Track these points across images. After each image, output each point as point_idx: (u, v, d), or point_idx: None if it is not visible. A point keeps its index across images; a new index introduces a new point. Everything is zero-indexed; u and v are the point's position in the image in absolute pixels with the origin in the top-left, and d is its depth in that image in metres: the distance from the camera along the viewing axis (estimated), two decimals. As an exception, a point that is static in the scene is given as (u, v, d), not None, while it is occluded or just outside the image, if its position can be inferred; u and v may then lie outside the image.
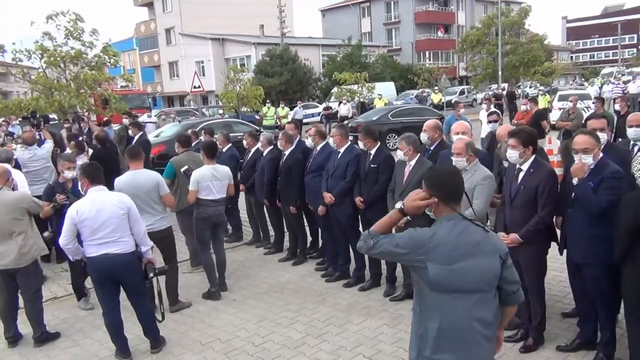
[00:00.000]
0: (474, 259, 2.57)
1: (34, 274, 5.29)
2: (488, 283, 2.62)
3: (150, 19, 53.50)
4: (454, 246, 2.56)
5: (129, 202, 4.78)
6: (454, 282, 2.55)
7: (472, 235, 2.62)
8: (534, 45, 35.71)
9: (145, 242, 4.87)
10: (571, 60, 79.25)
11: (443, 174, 2.78)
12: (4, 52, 17.69)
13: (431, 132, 5.91)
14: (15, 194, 5.27)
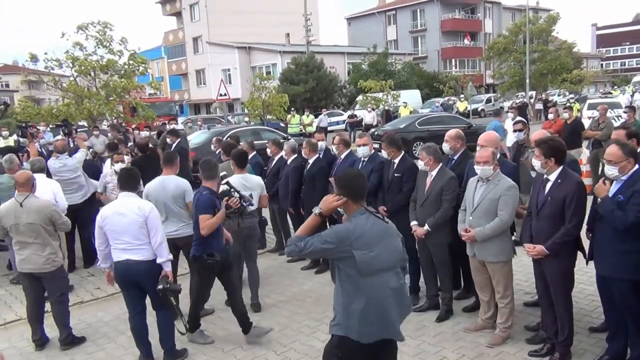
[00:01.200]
0: (385, 242, 3.21)
1: (59, 278, 5.40)
2: (399, 259, 3.32)
3: (178, 28, 54.33)
4: (370, 234, 3.15)
5: (148, 211, 4.71)
6: (376, 264, 3.14)
7: (379, 224, 3.24)
8: (562, 52, 35.17)
9: (161, 253, 4.75)
10: (601, 68, 77.79)
11: (350, 177, 3.36)
12: (36, 62, 18.15)
13: (453, 142, 5.83)
14: (40, 202, 5.39)
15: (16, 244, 5.28)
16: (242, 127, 18.40)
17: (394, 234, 3.32)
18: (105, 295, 6.88)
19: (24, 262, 5.26)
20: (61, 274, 5.46)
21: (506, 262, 4.82)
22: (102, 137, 13.66)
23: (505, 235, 4.79)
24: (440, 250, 5.43)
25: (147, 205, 4.80)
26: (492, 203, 4.66)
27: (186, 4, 51.48)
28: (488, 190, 4.70)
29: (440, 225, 5.29)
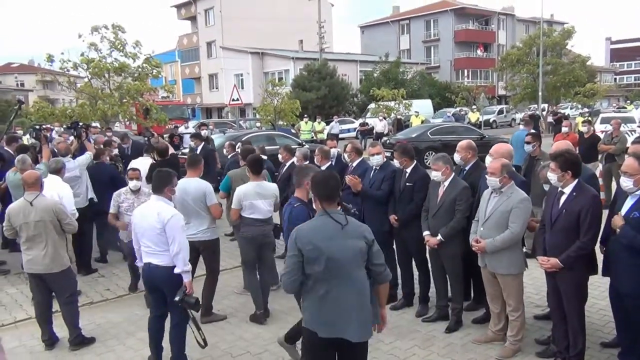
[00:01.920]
0: (336, 242, 3.29)
1: (66, 279, 5.42)
2: (353, 259, 3.32)
3: (192, 32, 54.72)
4: (315, 232, 3.32)
5: (167, 219, 4.57)
6: (323, 261, 3.25)
7: (331, 224, 3.33)
8: (575, 65, 35.01)
9: (178, 263, 4.61)
10: (614, 82, 77.36)
11: (322, 177, 3.56)
12: (52, 62, 18.34)
13: (464, 153, 5.81)
14: (48, 200, 5.45)
15: (24, 244, 5.32)
16: (257, 132, 18.44)
17: (352, 235, 3.35)
18: (114, 297, 6.91)
19: (30, 263, 5.29)
20: (68, 275, 5.46)
21: (517, 275, 4.79)
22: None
23: (517, 248, 4.76)
24: (453, 260, 5.41)
25: (167, 213, 4.63)
26: (504, 215, 4.64)
27: (201, 8, 51.85)
28: (500, 202, 4.68)
29: (453, 235, 5.28)
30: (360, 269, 3.38)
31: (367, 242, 3.37)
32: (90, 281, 7.51)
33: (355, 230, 3.38)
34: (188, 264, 4.68)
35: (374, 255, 3.40)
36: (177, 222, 4.62)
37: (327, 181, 3.46)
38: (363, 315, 3.39)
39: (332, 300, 3.32)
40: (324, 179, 3.50)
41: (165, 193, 4.82)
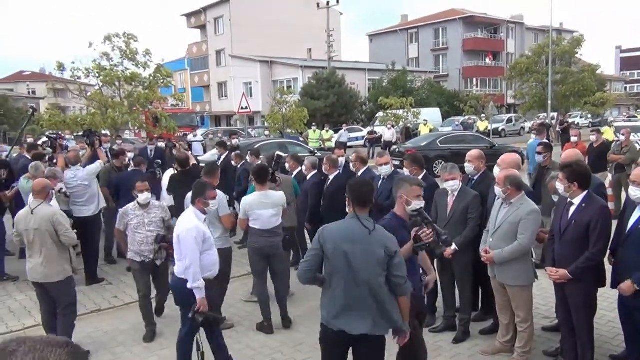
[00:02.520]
0: (357, 246, 3.46)
1: (65, 290, 5.39)
2: (372, 266, 3.45)
3: (202, 41, 55.09)
4: (339, 232, 3.55)
5: (182, 231, 4.60)
6: (342, 259, 3.45)
7: (356, 227, 3.51)
8: (585, 74, 34.86)
9: (188, 277, 4.52)
10: (625, 91, 76.90)
11: (357, 182, 3.87)
12: (63, 71, 18.51)
13: (477, 162, 5.80)
14: (48, 209, 5.41)
15: (27, 251, 5.38)
16: (268, 140, 18.45)
17: (374, 243, 3.47)
18: (122, 304, 6.94)
19: (32, 272, 5.32)
20: (67, 285, 5.40)
21: (526, 286, 4.76)
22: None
23: (526, 259, 4.74)
24: (465, 270, 5.40)
25: (184, 225, 4.63)
26: (512, 227, 4.62)
27: (211, 17, 52.25)
28: (510, 214, 4.67)
29: (467, 244, 5.27)
30: (377, 275, 3.47)
31: (387, 252, 3.45)
32: (98, 288, 7.54)
33: (379, 239, 3.49)
34: (200, 280, 4.55)
35: (394, 267, 3.48)
36: (189, 236, 4.54)
37: (361, 187, 3.68)
38: (367, 311, 3.49)
39: (341, 296, 3.50)
40: (358, 184, 3.74)
41: (197, 204, 4.78)
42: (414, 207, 3.90)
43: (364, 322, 3.49)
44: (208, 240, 4.73)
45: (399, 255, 3.52)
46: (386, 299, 3.51)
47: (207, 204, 4.84)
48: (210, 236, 4.81)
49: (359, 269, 3.44)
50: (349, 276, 3.47)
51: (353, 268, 3.45)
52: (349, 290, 3.48)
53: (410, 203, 3.91)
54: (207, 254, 4.70)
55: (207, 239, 4.72)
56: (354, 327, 3.49)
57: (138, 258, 5.76)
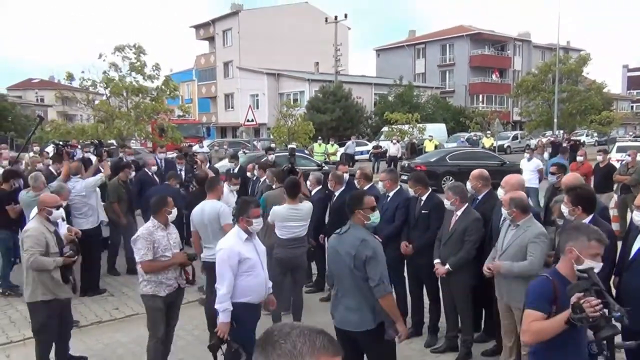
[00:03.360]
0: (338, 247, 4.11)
1: (33, 313, 5.14)
2: (344, 266, 4.04)
3: (210, 52, 55.48)
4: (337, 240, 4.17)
5: (217, 251, 4.49)
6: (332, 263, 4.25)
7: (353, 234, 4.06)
8: (591, 93, 34.87)
9: (218, 297, 4.32)
10: (631, 110, 76.78)
11: (359, 193, 4.63)
12: (72, 81, 18.69)
13: (474, 182, 5.79)
14: (30, 225, 5.23)
15: None
16: (279, 152, 18.45)
17: (345, 244, 4.08)
18: (123, 316, 6.91)
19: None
20: (33, 310, 5.08)
21: None
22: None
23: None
24: (463, 291, 5.35)
25: (221, 244, 4.50)
26: (521, 249, 4.58)
27: (219, 29, 52.67)
28: (516, 236, 4.64)
29: (463, 265, 5.22)
30: (352, 276, 3.99)
31: (357, 254, 3.93)
32: (100, 300, 7.53)
33: (349, 240, 4.04)
34: (226, 303, 4.29)
35: (367, 269, 3.91)
36: (222, 256, 4.37)
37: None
38: (350, 309, 4.03)
39: (334, 296, 4.24)
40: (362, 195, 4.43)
41: (240, 223, 4.51)
42: (584, 266, 3.04)
43: (338, 312, 4.11)
44: (247, 262, 4.41)
45: (371, 258, 3.91)
46: (366, 298, 3.96)
47: (251, 222, 4.49)
48: (251, 258, 4.46)
49: (335, 271, 4.15)
50: (334, 276, 4.18)
51: (332, 269, 4.20)
52: (337, 287, 4.16)
53: (581, 261, 3.06)
54: (244, 277, 4.40)
55: (246, 260, 4.40)
56: (334, 319, 4.11)
57: (162, 291, 4.93)
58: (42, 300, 5.01)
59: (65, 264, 5.11)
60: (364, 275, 3.91)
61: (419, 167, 18.13)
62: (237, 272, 4.35)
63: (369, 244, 3.96)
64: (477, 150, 23.28)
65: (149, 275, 4.88)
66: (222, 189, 6.31)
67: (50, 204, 5.27)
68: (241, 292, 4.37)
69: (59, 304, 5.14)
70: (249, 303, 4.44)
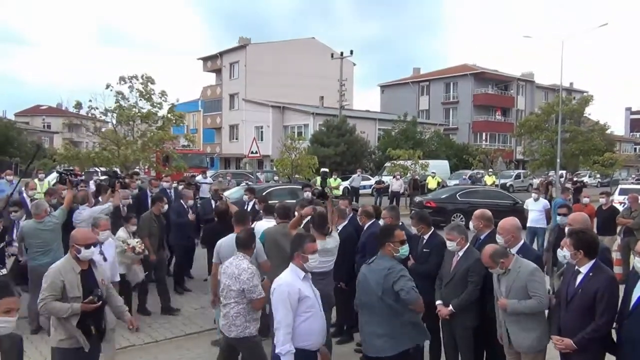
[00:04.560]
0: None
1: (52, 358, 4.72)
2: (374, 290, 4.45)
3: (216, 84, 56.23)
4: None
5: (273, 289, 4.21)
6: None
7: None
8: (594, 134, 35.07)
9: (277, 341, 4.04)
10: (634, 152, 77.09)
11: (390, 227, 4.96)
12: (80, 109, 18.93)
13: (476, 222, 5.79)
14: (55, 265, 4.75)
15: None
16: (279, 185, 18.45)
17: (373, 275, 4.47)
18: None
19: None
20: (53, 356, 4.64)
21: (540, 351, 4.66)
22: None
23: (541, 323, 4.62)
24: (465, 332, 5.29)
25: (277, 282, 4.22)
26: (522, 290, 4.55)
27: (227, 62, 53.48)
28: (511, 281, 4.62)
29: (465, 307, 5.18)
30: (380, 303, 4.34)
31: (384, 282, 4.31)
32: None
33: (377, 270, 4.41)
34: (288, 345, 3.99)
35: (395, 287, 4.27)
36: (280, 295, 4.06)
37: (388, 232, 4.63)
38: (375, 334, 4.37)
39: (362, 321, 4.59)
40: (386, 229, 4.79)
41: (296, 259, 4.26)
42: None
43: (366, 341, 4.48)
44: (306, 300, 4.11)
45: (402, 277, 4.32)
46: (392, 322, 4.35)
47: (307, 258, 4.25)
48: (311, 297, 4.18)
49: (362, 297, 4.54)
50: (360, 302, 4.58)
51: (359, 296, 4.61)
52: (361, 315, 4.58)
53: None
54: (304, 317, 4.09)
55: (305, 299, 4.10)
56: (365, 348, 4.51)
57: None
58: (60, 348, 4.48)
59: (85, 310, 4.42)
60: (393, 301, 4.29)
61: (429, 204, 18.15)
62: (297, 311, 4.05)
63: (395, 269, 4.37)
64: (489, 188, 23.00)
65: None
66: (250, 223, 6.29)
67: (79, 240, 4.64)
68: (299, 336, 4.04)
69: (81, 356, 4.47)
70: (307, 350, 4.12)
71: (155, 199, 9.08)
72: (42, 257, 6.83)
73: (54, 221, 7.11)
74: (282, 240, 6.02)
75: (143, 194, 10.83)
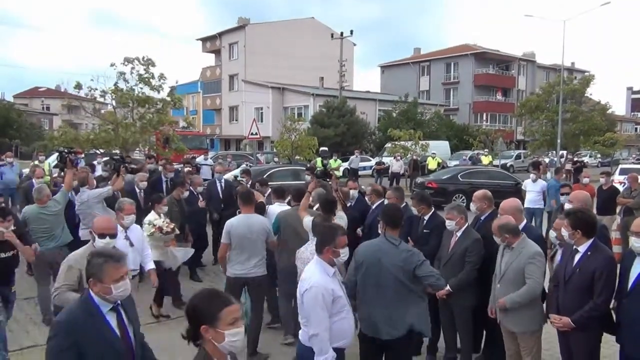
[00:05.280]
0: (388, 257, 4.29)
1: None
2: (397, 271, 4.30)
3: (216, 65, 55.85)
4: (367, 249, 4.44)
5: (304, 290, 3.87)
6: None
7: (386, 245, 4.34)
8: (595, 113, 34.94)
9: (315, 348, 3.76)
10: (635, 132, 76.86)
11: (388, 207, 4.91)
12: (80, 90, 18.84)
13: (479, 203, 5.80)
14: (75, 253, 4.57)
15: None
16: (282, 167, 18.34)
17: (388, 258, 4.36)
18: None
19: None
20: None
21: (535, 331, 4.70)
22: None
23: (535, 304, 4.68)
24: (463, 312, 5.33)
25: (306, 282, 3.86)
26: (518, 272, 4.58)
27: (226, 42, 53.04)
28: (512, 259, 4.64)
29: (463, 287, 5.21)
30: (397, 286, 4.22)
31: (405, 264, 4.23)
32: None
33: (394, 253, 4.27)
34: (329, 353, 3.73)
35: (418, 272, 4.23)
36: (315, 295, 3.73)
37: (392, 211, 4.55)
38: (384, 317, 4.20)
39: (367, 301, 4.29)
40: (391, 209, 4.65)
41: (325, 254, 3.90)
42: None
43: (381, 324, 4.20)
44: (339, 300, 3.85)
45: (424, 263, 4.28)
46: (407, 303, 4.26)
47: (338, 253, 3.92)
48: (343, 295, 3.92)
49: (381, 275, 4.24)
50: (372, 281, 4.28)
51: (375, 273, 4.25)
52: (371, 293, 4.29)
53: None
54: (338, 317, 3.83)
55: (338, 298, 3.85)
56: (377, 332, 4.22)
57: None
58: None
59: None
60: (412, 283, 4.25)
61: (430, 184, 18.17)
62: (331, 312, 3.78)
63: (414, 252, 4.36)
64: (491, 169, 22.91)
65: None
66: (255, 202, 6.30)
67: (95, 229, 4.53)
68: (332, 337, 3.79)
69: None
70: (339, 348, 3.88)
71: (176, 183, 8.83)
72: (48, 242, 6.77)
73: (57, 205, 7.01)
74: (298, 223, 6.05)
75: (157, 178, 10.48)
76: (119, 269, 3.05)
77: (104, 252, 3.20)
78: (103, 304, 3.04)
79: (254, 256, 5.79)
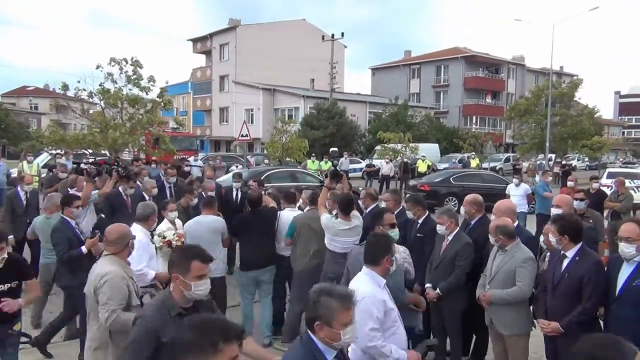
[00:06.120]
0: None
1: None
2: None
3: (206, 66, 55.67)
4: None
5: (359, 299, 3.25)
6: None
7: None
8: (583, 117, 35.27)
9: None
10: (622, 136, 77.66)
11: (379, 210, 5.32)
12: (67, 91, 18.71)
13: (468, 207, 5.83)
14: (101, 268, 3.97)
15: None
16: (281, 168, 18.23)
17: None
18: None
19: None
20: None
21: (522, 335, 4.73)
22: None
23: (523, 308, 4.72)
24: (453, 315, 5.35)
25: (360, 293, 3.30)
26: (509, 274, 4.62)
27: (217, 43, 52.90)
28: (504, 262, 4.68)
29: (455, 290, 5.24)
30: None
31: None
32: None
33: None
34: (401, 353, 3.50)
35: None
36: (367, 308, 3.42)
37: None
38: None
39: None
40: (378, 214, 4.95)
41: (382, 265, 3.67)
42: None
43: None
44: (391, 313, 3.59)
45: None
46: None
47: (392, 262, 3.74)
48: (395, 308, 3.66)
49: None
50: None
51: None
52: None
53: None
54: (390, 332, 3.57)
55: (390, 311, 3.59)
56: None
57: None
58: None
59: None
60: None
61: (423, 187, 18.23)
62: (385, 325, 3.54)
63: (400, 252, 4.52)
64: (483, 172, 22.93)
65: None
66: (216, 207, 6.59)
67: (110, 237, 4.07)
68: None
69: None
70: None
71: (185, 190, 8.30)
72: (53, 255, 6.25)
73: None
74: (316, 225, 6.03)
75: (160, 184, 9.70)
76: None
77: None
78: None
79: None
